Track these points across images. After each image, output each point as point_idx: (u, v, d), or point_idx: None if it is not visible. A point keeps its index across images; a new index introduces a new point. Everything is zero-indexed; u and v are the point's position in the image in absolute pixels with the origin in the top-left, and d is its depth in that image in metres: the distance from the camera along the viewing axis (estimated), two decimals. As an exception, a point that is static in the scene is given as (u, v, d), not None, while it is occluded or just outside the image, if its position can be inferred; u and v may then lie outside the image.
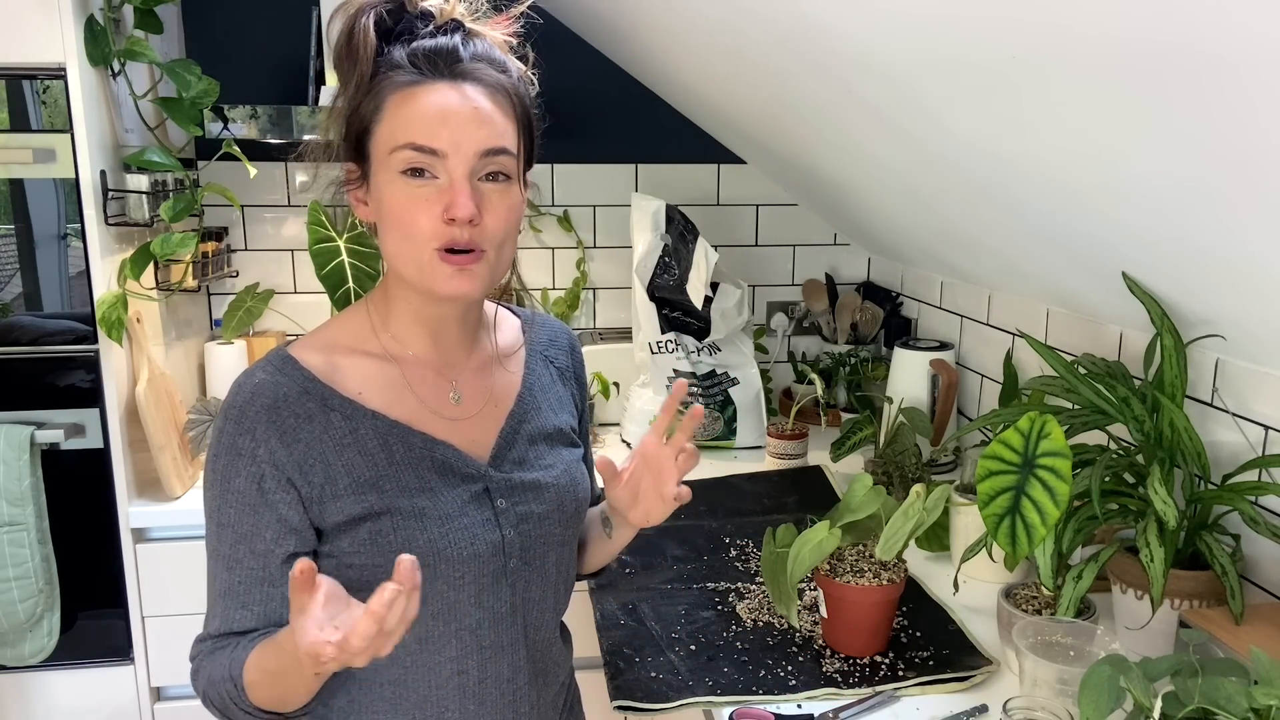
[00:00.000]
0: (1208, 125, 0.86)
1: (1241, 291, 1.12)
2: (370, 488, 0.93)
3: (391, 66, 0.91)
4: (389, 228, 0.92)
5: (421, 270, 0.91)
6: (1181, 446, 1.24)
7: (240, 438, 0.91)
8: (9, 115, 1.69)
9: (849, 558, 1.29)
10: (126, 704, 1.93)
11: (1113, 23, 0.81)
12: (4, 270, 1.76)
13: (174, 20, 2.14)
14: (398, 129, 0.89)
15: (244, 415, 0.91)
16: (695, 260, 2.06)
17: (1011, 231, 1.49)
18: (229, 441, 0.92)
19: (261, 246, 2.33)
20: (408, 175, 0.89)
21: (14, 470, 1.74)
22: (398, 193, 0.90)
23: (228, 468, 0.92)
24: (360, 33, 0.92)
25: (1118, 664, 0.94)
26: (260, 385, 0.92)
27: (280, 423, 0.91)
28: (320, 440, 0.93)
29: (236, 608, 0.93)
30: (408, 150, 0.89)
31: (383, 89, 0.91)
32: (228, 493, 0.92)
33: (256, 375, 0.93)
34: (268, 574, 0.93)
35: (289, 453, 0.91)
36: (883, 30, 1.13)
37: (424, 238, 0.90)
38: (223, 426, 0.92)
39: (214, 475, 0.93)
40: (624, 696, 1.19)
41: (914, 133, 1.38)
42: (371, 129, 0.92)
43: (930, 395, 1.98)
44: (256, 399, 0.92)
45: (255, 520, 0.92)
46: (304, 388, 0.93)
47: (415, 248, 0.90)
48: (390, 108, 0.90)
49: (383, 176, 0.91)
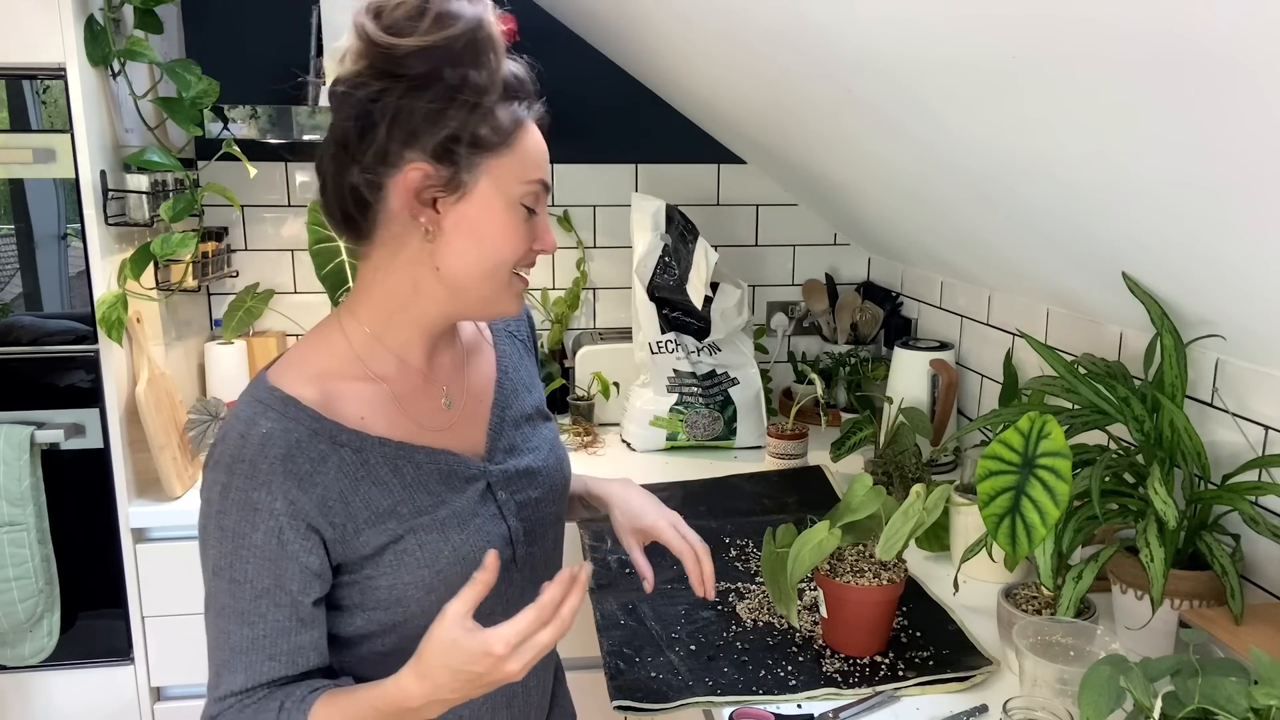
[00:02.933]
0: (1208, 125, 0.86)
1: (1241, 291, 1.12)
2: (389, 515, 0.92)
3: (511, 92, 0.90)
4: (482, 247, 0.90)
5: (494, 289, 0.93)
6: (1181, 446, 1.24)
7: (254, 492, 0.86)
8: (9, 115, 1.69)
9: (849, 558, 1.29)
10: (126, 704, 1.93)
11: (1113, 22, 0.81)
12: (4, 270, 1.76)
13: (174, 20, 2.14)
14: (528, 164, 0.90)
15: (256, 469, 0.86)
16: (695, 260, 2.05)
17: (1011, 231, 1.49)
18: (240, 497, 0.86)
19: (261, 246, 2.33)
20: (523, 207, 0.91)
21: (14, 470, 1.74)
22: (508, 220, 0.90)
23: (242, 523, 0.87)
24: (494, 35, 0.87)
25: (1118, 664, 0.94)
26: (270, 435, 0.87)
27: (296, 470, 0.88)
28: (337, 480, 0.90)
29: (263, 660, 0.89)
30: (538, 186, 0.91)
31: (511, 115, 0.89)
32: (242, 549, 0.87)
33: (261, 424, 0.88)
34: (297, 622, 0.90)
35: (308, 499, 0.88)
36: (883, 30, 1.13)
37: (513, 263, 0.92)
38: (229, 482, 0.87)
39: (222, 532, 0.88)
40: (624, 696, 1.19)
41: (914, 132, 1.38)
42: (497, 149, 0.89)
43: (930, 395, 1.98)
44: (268, 450, 0.87)
45: (278, 573, 0.88)
46: (312, 429, 0.90)
47: (499, 269, 0.92)
48: (518, 139, 0.90)
49: (495, 198, 0.90)
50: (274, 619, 0.89)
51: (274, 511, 0.87)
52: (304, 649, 0.91)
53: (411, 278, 0.93)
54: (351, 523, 0.91)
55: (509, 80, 0.89)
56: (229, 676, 0.90)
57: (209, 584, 0.90)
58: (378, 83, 0.86)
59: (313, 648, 0.92)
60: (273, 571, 0.88)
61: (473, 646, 0.83)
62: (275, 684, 0.90)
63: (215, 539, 0.88)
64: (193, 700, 1.96)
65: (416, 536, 0.93)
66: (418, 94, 0.86)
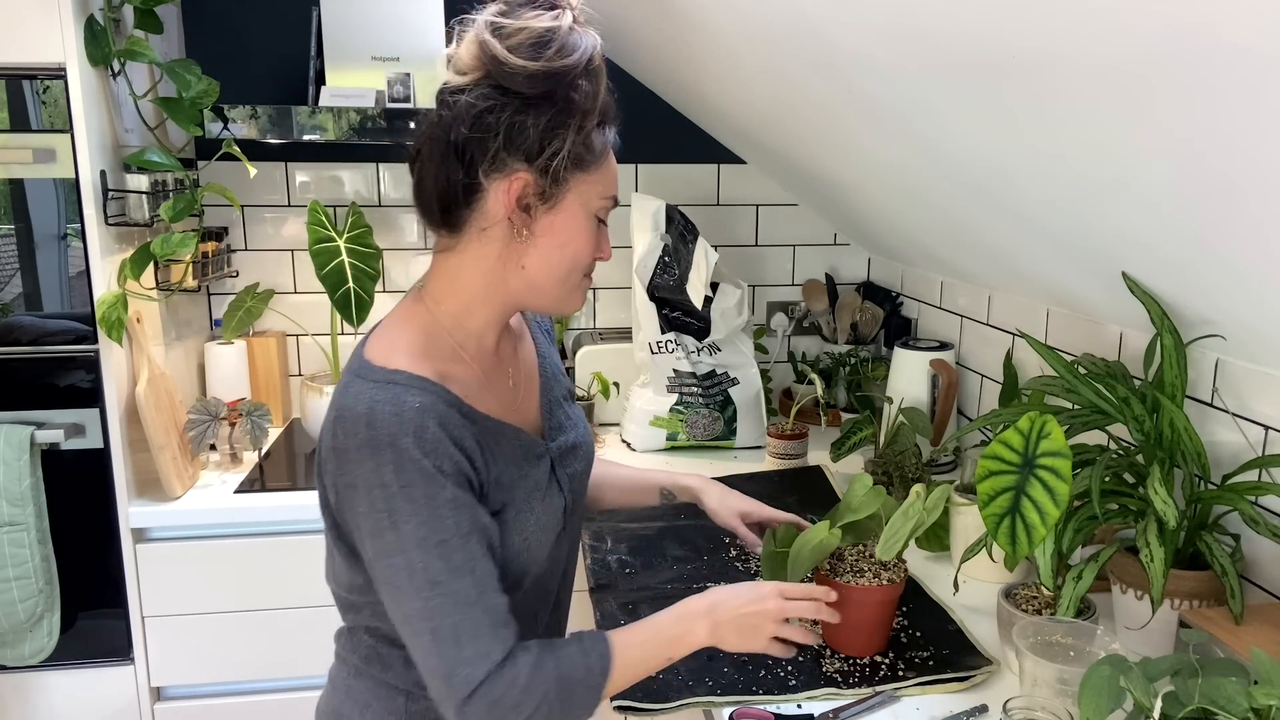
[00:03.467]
0: (1208, 125, 0.86)
1: (1241, 291, 1.12)
2: (497, 485, 1.01)
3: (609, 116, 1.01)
4: (563, 251, 1.00)
5: (567, 289, 1.03)
6: (1181, 446, 1.24)
7: (427, 459, 0.91)
8: (9, 115, 1.69)
9: (849, 558, 1.29)
10: (126, 704, 1.93)
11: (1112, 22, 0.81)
12: (4, 270, 1.76)
13: (174, 20, 2.14)
14: (609, 182, 1.02)
15: (423, 437, 0.91)
16: (695, 260, 2.05)
17: (1011, 231, 1.49)
18: (416, 466, 0.91)
19: (261, 246, 2.33)
20: (597, 219, 1.02)
21: (14, 470, 1.74)
22: (587, 229, 1.01)
23: (429, 487, 0.91)
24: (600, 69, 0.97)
25: (1118, 664, 0.94)
26: (424, 407, 0.93)
27: (452, 435, 0.94)
28: (472, 448, 0.97)
29: (502, 626, 0.94)
30: (611, 202, 1.03)
31: (603, 138, 1.00)
32: (439, 509, 0.91)
33: (410, 400, 0.93)
34: (493, 566, 0.96)
35: (467, 461, 0.95)
36: (883, 30, 1.13)
37: (584, 266, 1.03)
38: (400, 456, 0.90)
39: (413, 503, 0.91)
40: (624, 696, 1.19)
41: (914, 132, 1.38)
42: (588, 168, 0.99)
43: (930, 395, 1.98)
44: (427, 420, 0.92)
45: (471, 521, 0.94)
46: (447, 401, 0.96)
47: (575, 272, 1.03)
48: (606, 161, 1.01)
49: (579, 210, 1.00)
50: (484, 563, 0.94)
51: (446, 473, 0.92)
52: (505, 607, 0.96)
53: (497, 271, 1.01)
54: (484, 486, 0.99)
55: (604, 106, 0.99)
56: (474, 639, 0.91)
57: (413, 565, 0.91)
58: (494, 95, 0.94)
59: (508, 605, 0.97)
60: (469, 518, 0.94)
61: (759, 594, 1.06)
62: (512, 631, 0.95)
63: (408, 513, 0.91)
64: (193, 700, 1.97)
65: (515, 506, 1.02)
66: (532, 111, 0.94)
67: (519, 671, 0.92)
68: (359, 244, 2.09)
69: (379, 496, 0.91)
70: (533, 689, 0.92)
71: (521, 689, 0.92)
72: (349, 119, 1.95)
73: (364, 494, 0.91)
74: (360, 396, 0.93)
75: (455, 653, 0.91)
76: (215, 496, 1.90)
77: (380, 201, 2.35)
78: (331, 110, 1.95)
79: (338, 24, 2.08)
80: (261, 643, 1.94)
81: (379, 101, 2.03)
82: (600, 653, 0.97)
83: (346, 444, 0.92)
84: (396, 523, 0.91)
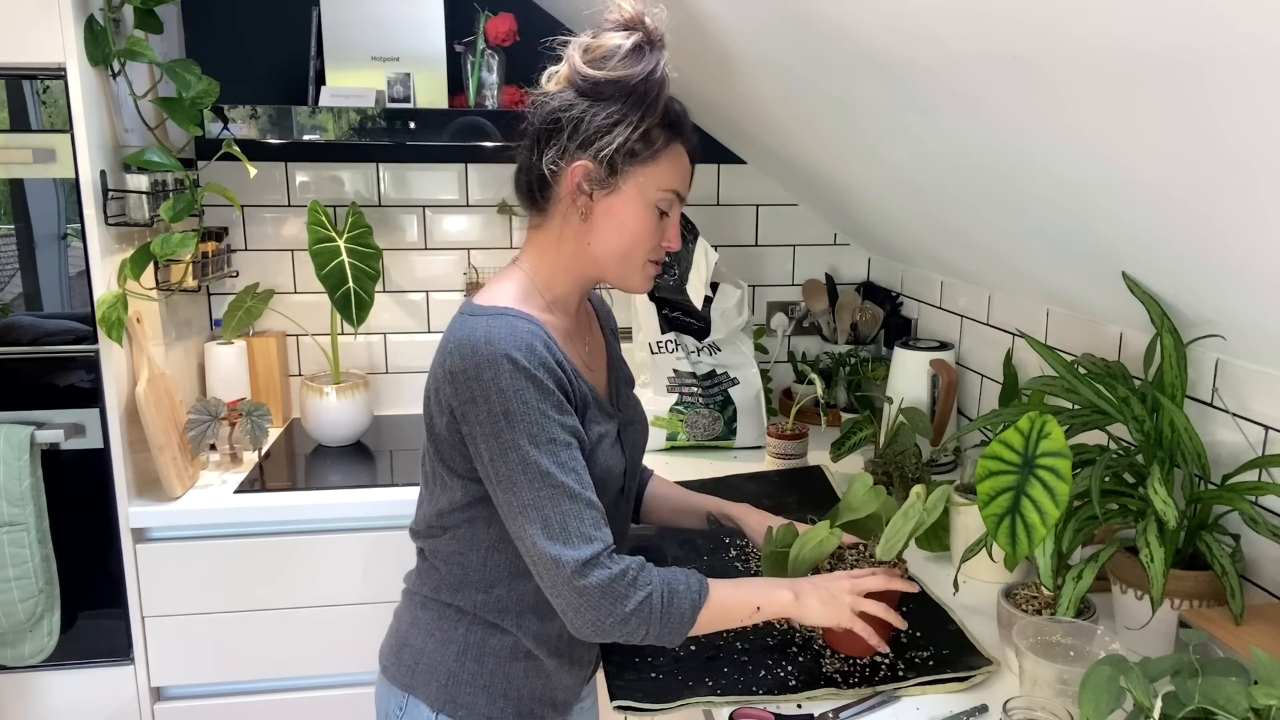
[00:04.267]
0: (1207, 126, 0.86)
1: (1241, 291, 1.12)
2: (583, 415, 1.15)
3: (675, 125, 1.16)
4: (621, 234, 1.15)
5: (630, 269, 1.18)
6: (1181, 446, 1.24)
7: (536, 370, 1.06)
8: (9, 115, 1.69)
9: (849, 558, 1.29)
10: (126, 704, 1.93)
11: (1113, 23, 0.81)
12: (4, 270, 1.76)
13: (174, 20, 2.14)
14: (670, 177, 1.16)
15: (532, 350, 1.07)
16: (695, 260, 2.06)
17: (1012, 231, 1.49)
18: (526, 373, 1.05)
19: (261, 246, 2.33)
20: (658, 210, 1.16)
21: (14, 470, 1.74)
22: (650, 218, 1.16)
23: (539, 391, 1.06)
24: (663, 81, 1.12)
25: (1118, 664, 0.94)
26: (533, 330, 1.09)
27: (553, 353, 1.10)
28: (570, 371, 1.13)
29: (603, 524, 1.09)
30: (672, 195, 1.16)
31: (665, 137, 1.14)
32: (546, 413, 1.06)
33: (519, 325, 1.09)
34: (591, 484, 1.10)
35: (564, 377, 1.10)
36: (883, 30, 1.13)
37: (648, 253, 1.18)
38: (513, 367, 1.05)
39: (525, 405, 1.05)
40: (624, 696, 1.19)
41: (914, 132, 1.38)
42: (646, 162, 1.13)
43: (930, 395, 1.98)
44: (534, 340, 1.08)
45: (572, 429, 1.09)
46: (544, 333, 1.11)
47: (638, 257, 1.17)
48: (668, 157, 1.15)
49: (637, 198, 1.14)
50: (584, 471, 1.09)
51: (553, 384, 1.08)
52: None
53: (570, 246, 1.17)
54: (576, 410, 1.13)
55: (668, 111, 1.14)
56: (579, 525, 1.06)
57: (527, 459, 1.05)
58: (570, 98, 1.13)
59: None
60: (571, 426, 1.09)
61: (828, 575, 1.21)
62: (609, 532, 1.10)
63: (520, 414, 1.05)
64: (193, 700, 1.97)
65: (598, 444, 1.16)
66: (596, 110, 1.11)
67: (629, 565, 1.08)
68: (359, 244, 2.09)
69: (496, 401, 1.05)
70: (640, 584, 1.07)
71: (630, 581, 1.06)
72: (349, 119, 1.95)
73: (483, 403, 1.06)
74: (475, 325, 1.09)
75: (564, 537, 1.05)
76: (215, 496, 1.90)
77: (380, 201, 2.35)
78: (331, 110, 1.95)
79: (338, 24, 2.08)
80: (261, 643, 1.94)
81: (379, 101, 2.03)
82: (699, 577, 1.13)
83: (465, 364, 1.07)
84: (512, 423, 1.05)
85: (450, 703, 1.19)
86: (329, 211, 2.14)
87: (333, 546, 1.92)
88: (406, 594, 1.28)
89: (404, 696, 1.22)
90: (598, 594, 1.04)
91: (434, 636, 1.21)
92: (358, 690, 2.00)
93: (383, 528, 1.92)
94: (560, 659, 1.24)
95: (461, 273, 2.41)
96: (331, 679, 2.00)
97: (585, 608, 1.05)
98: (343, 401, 2.16)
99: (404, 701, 1.22)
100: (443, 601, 1.21)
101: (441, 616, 1.21)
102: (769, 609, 1.15)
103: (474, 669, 1.19)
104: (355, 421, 2.19)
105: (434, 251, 2.39)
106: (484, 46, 2.13)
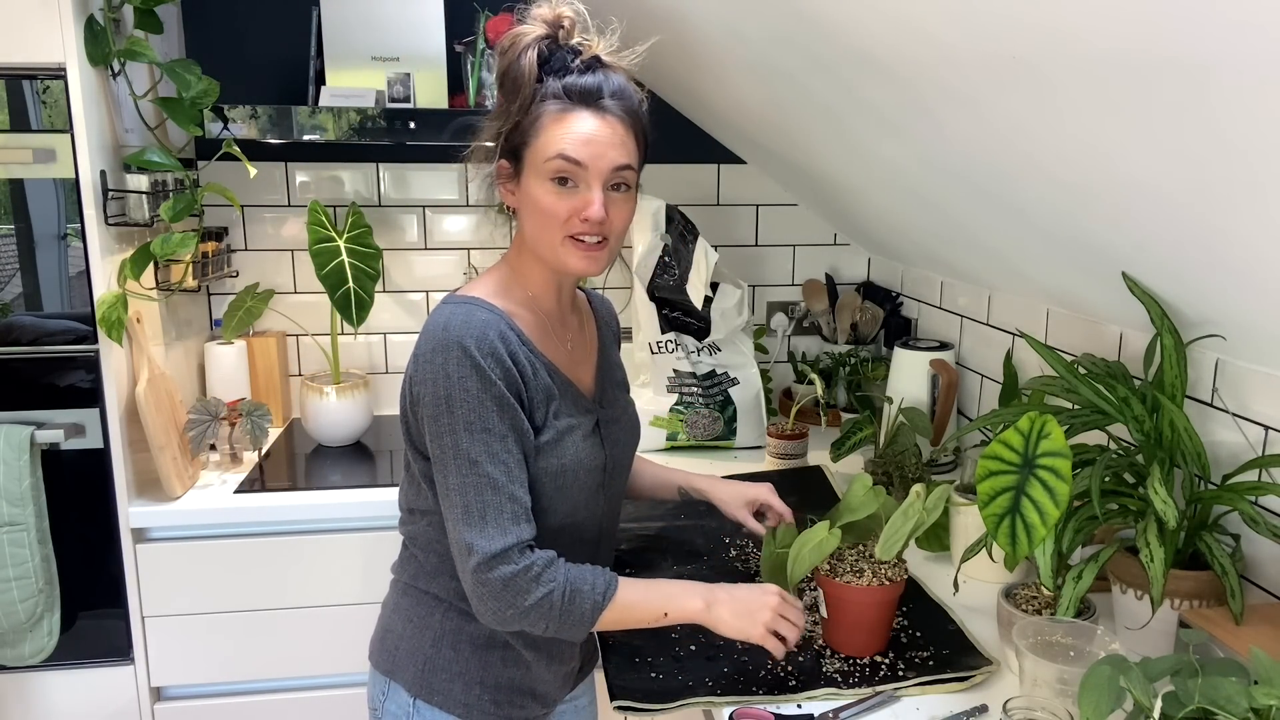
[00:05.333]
0: (1207, 126, 0.86)
1: (1241, 291, 1.12)
2: (545, 407, 1.16)
3: (549, 96, 1.13)
4: (532, 217, 1.15)
5: (554, 251, 1.15)
6: (1181, 446, 1.24)
7: (485, 359, 1.08)
8: (9, 115, 1.69)
9: (849, 558, 1.29)
10: (126, 704, 1.93)
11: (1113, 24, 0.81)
12: (4, 270, 1.76)
13: (174, 20, 2.14)
14: (551, 143, 1.12)
15: (484, 340, 1.09)
16: (695, 260, 2.05)
17: (1012, 231, 1.49)
18: (474, 361, 1.08)
19: (261, 246, 2.33)
20: (555, 181, 1.12)
21: (14, 470, 1.74)
22: (546, 193, 1.13)
23: (481, 381, 1.08)
24: (526, 66, 1.13)
25: (1118, 664, 0.94)
26: (487, 320, 1.11)
27: (508, 347, 1.11)
28: (524, 365, 1.14)
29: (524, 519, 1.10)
30: (558, 160, 1.11)
31: (542, 112, 1.12)
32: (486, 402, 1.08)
33: (478, 314, 1.11)
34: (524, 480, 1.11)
35: (517, 371, 1.12)
36: (883, 30, 1.13)
37: (561, 228, 1.14)
38: (463, 354, 1.08)
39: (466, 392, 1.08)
40: (624, 696, 1.19)
41: (914, 133, 1.38)
42: (529, 141, 1.13)
43: (930, 395, 1.98)
44: (489, 330, 1.10)
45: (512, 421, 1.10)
46: (509, 325, 1.14)
47: (552, 235, 1.14)
48: (546, 126, 1.12)
49: (533, 179, 1.13)
50: (516, 455, 1.11)
51: (497, 376, 1.09)
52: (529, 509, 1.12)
53: (526, 242, 1.19)
54: (533, 401, 1.15)
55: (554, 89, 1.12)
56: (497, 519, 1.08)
57: (459, 445, 1.08)
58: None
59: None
60: (510, 417, 1.10)
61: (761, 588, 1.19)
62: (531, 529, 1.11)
63: (460, 400, 1.08)
64: (193, 700, 1.97)
65: (555, 430, 1.16)
66: (496, 108, 1.17)
67: (535, 561, 1.08)
68: (359, 244, 2.09)
69: (441, 385, 1.08)
70: (543, 580, 1.08)
71: (533, 577, 1.07)
72: (349, 119, 1.95)
73: (430, 385, 1.09)
74: (441, 312, 1.13)
75: (480, 527, 1.07)
76: (215, 496, 1.90)
77: (380, 201, 2.35)
78: (331, 110, 1.95)
79: (338, 24, 2.08)
80: (261, 643, 1.94)
81: (379, 101, 2.03)
82: (608, 578, 1.13)
83: (424, 347, 1.11)
84: (451, 408, 1.08)
85: (427, 689, 1.21)
86: (329, 211, 2.14)
87: (332, 546, 1.92)
88: (392, 582, 1.30)
89: (386, 682, 1.24)
90: (499, 586, 1.07)
91: (413, 623, 1.23)
92: (357, 690, 2.00)
93: (383, 528, 1.92)
94: (538, 652, 1.23)
95: (461, 273, 2.40)
96: (331, 679, 2.00)
97: (488, 597, 1.08)
98: (343, 401, 2.16)
99: (386, 687, 1.24)
100: (420, 589, 1.23)
101: (420, 603, 1.23)
102: (676, 615, 1.15)
103: (450, 655, 1.21)
104: (355, 421, 2.19)
105: (434, 251, 2.39)
106: (484, 46, 2.13)
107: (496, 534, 1.07)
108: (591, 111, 1.12)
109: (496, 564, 1.07)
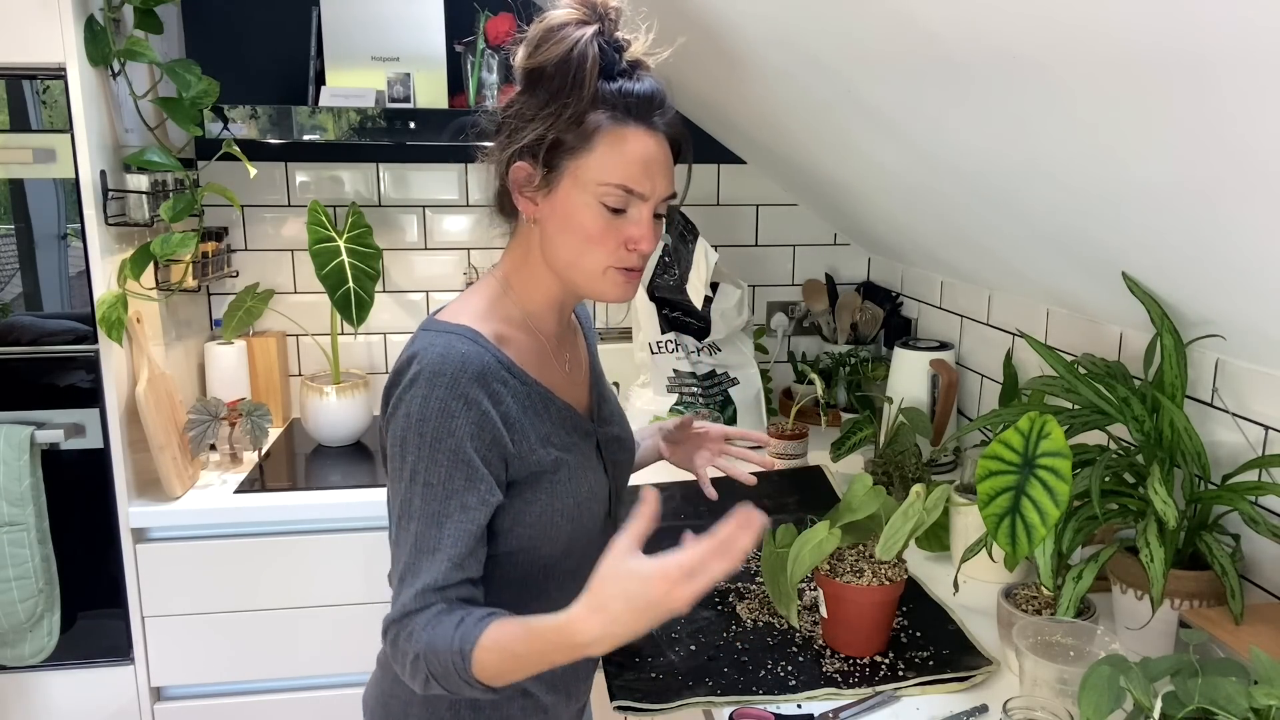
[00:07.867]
0: (1207, 126, 0.86)
1: (1242, 291, 1.12)
2: (548, 443, 1.05)
3: (600, 103, 1.00)
4: (568, 237, 1.03)
5: (589, 278, 1.05)
6: (1181, 446, 1.24)
7: (453, 402, 0.97)
8: (9, 115, 1.69)
9: (849, 558, 1.29)
10: (126, 704, 1.93)
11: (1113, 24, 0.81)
12: (4, 270, 1.76)
13: (174, 20, 2.14)
14: (611, 167, 1.00)
15: (456, 382, 0.97)
16: (695, 260, 2.06)
17: (1011, 231, 1.49)
18: (440, 406, 0.97)
19: (261, 246, 2.33)
20: (607, 207, 1.01)
21: (14, 470, 1.74)
22: (594, 217, 1.01)
23: (439, 430, 0.96)
24: (583, 59, 0.99)
25: (1118, 664, 0.94)
26: (467, 355, 0.99)
27: (487, 387, 0.99)
28: (515, 403, 1.03)
29: (450, 568, 0.96)
30: (619, 190, 1.01)
31: (599, 122, 1.00)
32: (438, 453, 0.96)
33: (458, 347, 0.99)
34: (476, 531, 0.98)
35: (497, 413, 1.00)
36: (883, 31, 1.13)
37: (606, 257, 1.03)
38: (429, 393, 0.97)
39: (421, 438, 0.97)
40: (624, 696, 1.19)
41: (914, 133, 1.38)
42: (577, 154, 1.00)
43: (930, 395, 1.98)
44: (467, 367, 0.98)
45: (468, 477, 0.98)
46: (495, 358, 1.02)
47: (594, 262, 1.04)
48: (604, 143, 1.00)
49: (578, 196, 1.01)
50: (460, 522, 0.97)
51: (468, 420, 0.97)
52: (478, 561, 0.99)
53: (536, 256, 1.08)
54: (525, 441, 1.03)
55: (606, 94, 1.00)
56: (412, 579, 0.96)
57: (404, 490, 0.98)
58: (513, 96, 1.04)
59: (479, 564, 1.00)
60: (464, 475, 0.97)
61: (649, 571, 0.86)
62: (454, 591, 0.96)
63: (414, 445, 0.97)
64: (193, 700, 1.97)
65: (568, 470, 1.06)
66: (529, 106, 1.02)
67: (417, 624, 0.94)
68: (359, 244, 2.09)
69: (401, 424, 0.98)
70: (417, 638, 0.94)
71: (407, 636, 0.94)
72: (349, 119, 1.95)
73: (395, 421, 0.99)
74: (418, 341, 1.02)
75: (399, 586, 0.97)
76: (215, 496, 1.90)
77: (380, 201, 2.35)
78: (331, 110, 1.95)
79: (338, 24, 2.08)
80: (261, 643, 1.94)
81: (379, 101, 2.03)
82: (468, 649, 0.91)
83: (396, 379, 1.00)
84: (404, 452, 0.98)
85: None
86: (329, 211, 2.14)
87: (332, 546, 1.92)
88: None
89: None
90: (389, 647, 0.96)
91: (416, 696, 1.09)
92: (357, 690, 2.00)
93: (383, 528, 1.92)
94: (558, 694, 1.15)
95: (461, 273, 2.41)
96: (331, 679, 2.00)
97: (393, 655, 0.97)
98: (343, 401, 2.16)
99: None
100: None
101: None
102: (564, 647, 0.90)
103: (469, 716, 1.09)
104: (355, 421, 2.19)
105: (434, 251, 2.39)
106: (484, 46, 2.13)
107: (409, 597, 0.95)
108: (647, 129, 1.02)
109: (393, 626, 0.96)
